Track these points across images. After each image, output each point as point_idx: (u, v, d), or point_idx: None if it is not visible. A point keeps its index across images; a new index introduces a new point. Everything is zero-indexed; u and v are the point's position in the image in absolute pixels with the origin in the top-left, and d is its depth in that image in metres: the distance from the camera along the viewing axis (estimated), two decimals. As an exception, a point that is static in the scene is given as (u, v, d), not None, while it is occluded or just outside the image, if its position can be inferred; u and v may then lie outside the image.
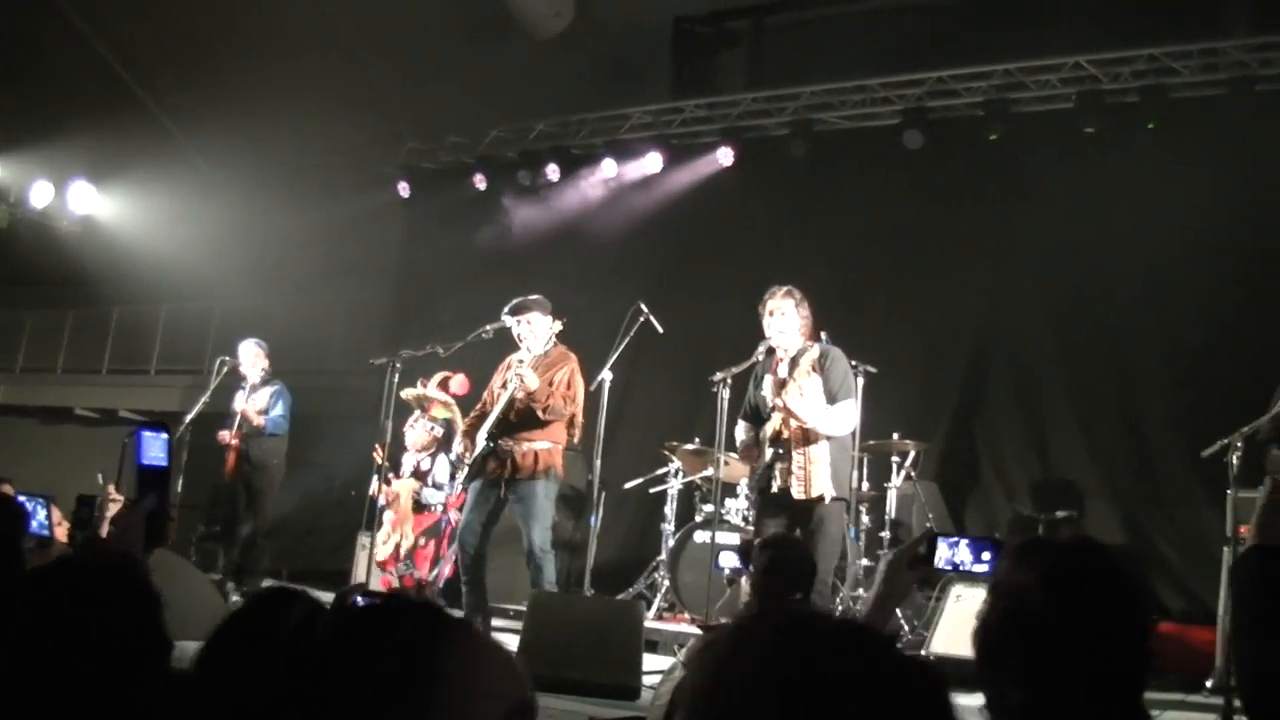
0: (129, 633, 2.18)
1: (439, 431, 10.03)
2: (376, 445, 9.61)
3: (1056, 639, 2.15)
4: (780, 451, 7.29)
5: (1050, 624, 2.16)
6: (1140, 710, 2.24)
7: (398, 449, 9.74)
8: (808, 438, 7.22)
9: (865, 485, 9.16)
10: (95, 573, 2.28)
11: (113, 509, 5.00)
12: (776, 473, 7.28)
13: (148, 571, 2.35)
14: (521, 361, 8.09)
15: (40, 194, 12.27)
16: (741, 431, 7.61)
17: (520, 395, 7.86)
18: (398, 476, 9.90)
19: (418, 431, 10.00)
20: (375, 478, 9.45)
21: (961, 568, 2.74)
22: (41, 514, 4.84)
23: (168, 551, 8.44)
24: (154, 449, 2.95)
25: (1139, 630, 2.23)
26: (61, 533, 6.10)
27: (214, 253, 15.81)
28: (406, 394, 9.67)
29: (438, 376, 10.05)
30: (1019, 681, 2.19)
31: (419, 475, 9.96)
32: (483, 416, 8.21)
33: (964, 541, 2.76)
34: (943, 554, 2.74)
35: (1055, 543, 2.27)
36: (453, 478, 9.72)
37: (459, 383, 10.03)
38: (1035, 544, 2.30)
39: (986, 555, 2.70)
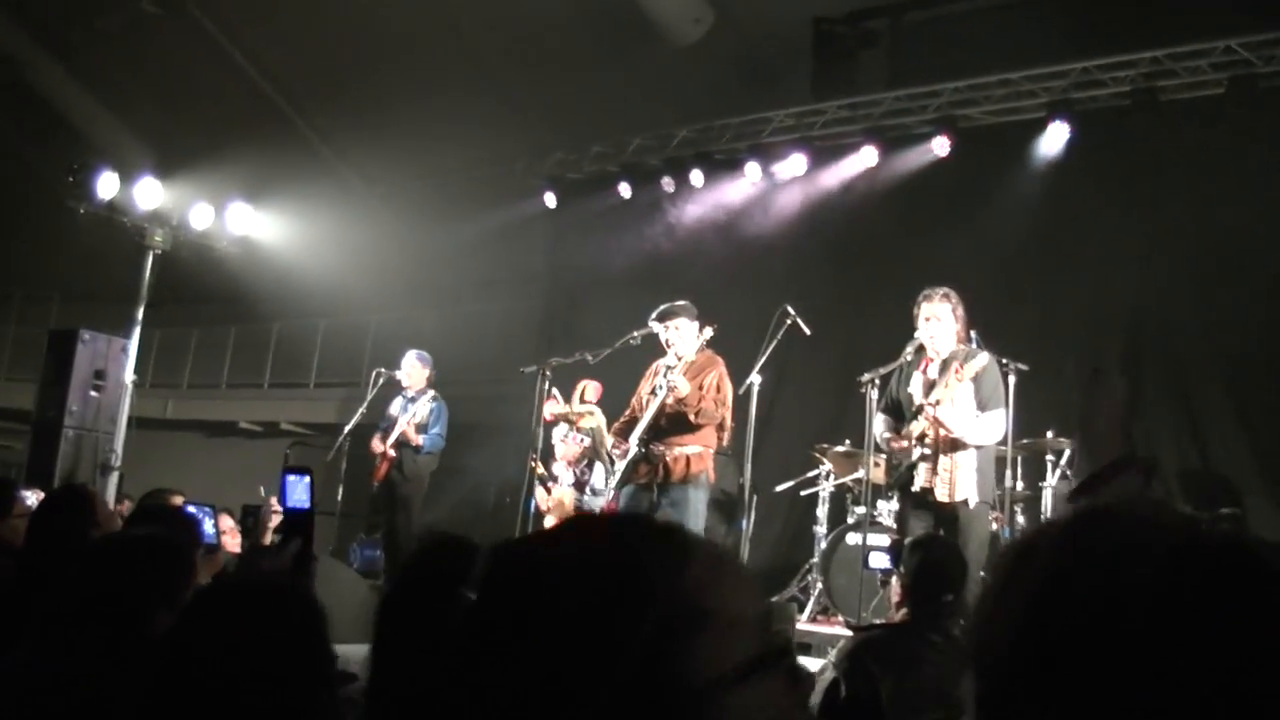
0: (298, 649, 2.29)
1: (588, 442, 10.17)
2: (531, 454, 9.77)
3: None
4: (926, 452, 7.28)
5: None
6: None
7: (551, 458, 9.88)
8: (955, 443, 7.20)
9: (1020, 485, 9.05)
10: (265, 593, 2.39)
11: (275, 519, 5.19)
12: (920, 472, 7.27)
13: (312, 589, 2.46)
14: (670, 368, 8.15)
15: (200, 216, 12.66)
16: (881, 425, 7.61)
17: (671, 400, 7.93)
18: (557, 484, 10.06)
19: (569, 445, 10.15)
20: (536, 485, 9.62)
21: None
22: (208, 523, 5.05)
23: (329, 557, 8.71)
24: (298, 492, 3.08)
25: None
26: (231, 540, 6.35)
27: (368, 268, 16.20)
28: (551, 412, 9.77)
29: (578, 390, 10.15)
30: None
31: (579, 485, 10.13)
32: (633, 421, 8.29)
33: None
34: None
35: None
36: (606, 483, 9.84)
37: (593, 390, 10.14)
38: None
39: None
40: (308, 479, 3.09)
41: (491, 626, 1.07)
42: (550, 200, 13.72)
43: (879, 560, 5.10)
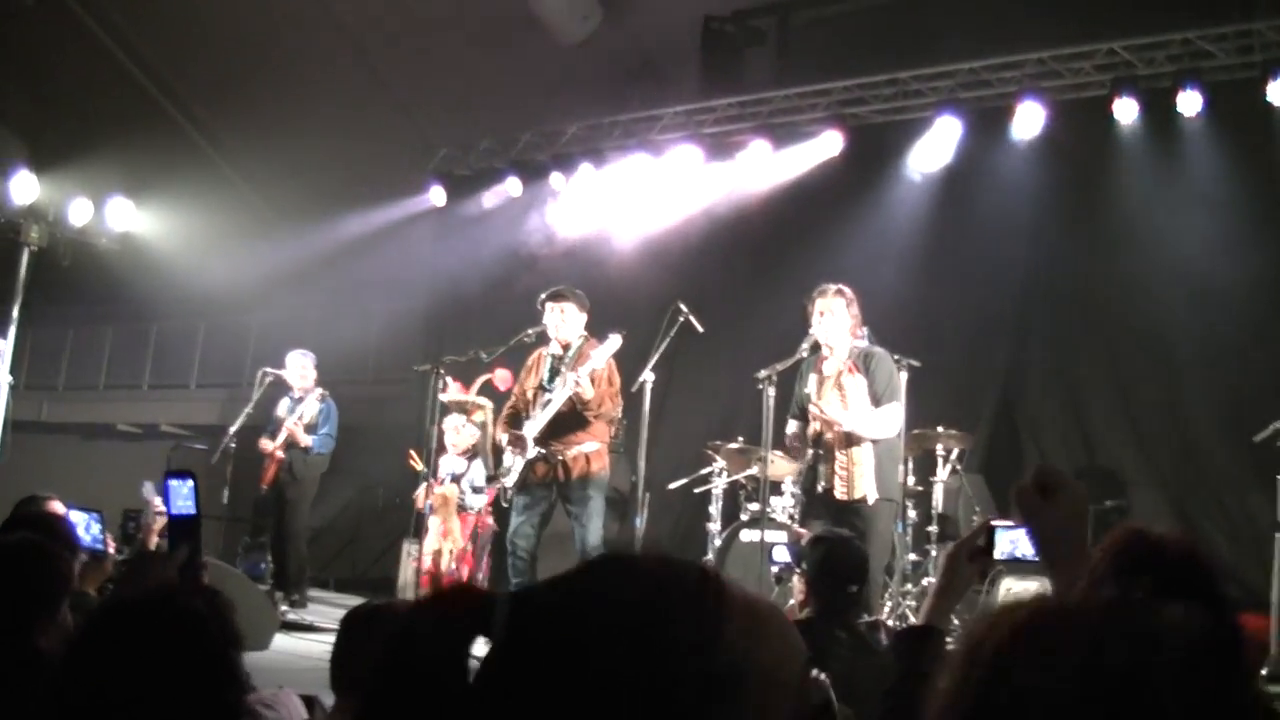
0: (209, 670, 2.19)
1: (478, 435, 10.11)
2: (411, 452, 9.66)
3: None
4: (822, 452, 7.30)
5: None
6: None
7: (436, 453, 9.76)
8: (850, 439, 7.22)
9: (911, 480, 9.14)
10: (175, 610, 2.28)
11: (159, 522, 5.04)
12: (820, 473, 7.29)
13: (231, 610, 2.36)
14: (559, 357, 8.20)
15: (78, 212, 12.30)
16: (793, 428, 7.63)
17: (570, 401, 7.91)
18: (439, 482, 9.94)
19: (463, 435, 10.06)
20: (422, 484, 9.51)
21: (1023, 558, 2.71)
22: (95, 527, 4.87)
23: (218, 562, 8.52)
24: (182, 497, 2.93)
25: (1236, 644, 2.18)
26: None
27: (250, 266, 15.90)
28: (449, 398, 9.70)
29: (480, 381, 10.08)
30: None
31: (456, 480, 10.04)
32: (516, 414, 8.32)
33: (1023, 530, 2.74)
34: (1002, 545, 2.71)
35: (1163, 552, 2.22)
36: (490, 480, 9.79)
37: (503, 378, 10.05)
38: (1139, 553, 2.24)
39: None
40: (191, 482, 2.95)
41: (519, 684, 1.02)
42: (438, 197, 13.57)
43: (781, 555, 5.09)
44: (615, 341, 8.00)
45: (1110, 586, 2.18)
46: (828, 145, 11.11)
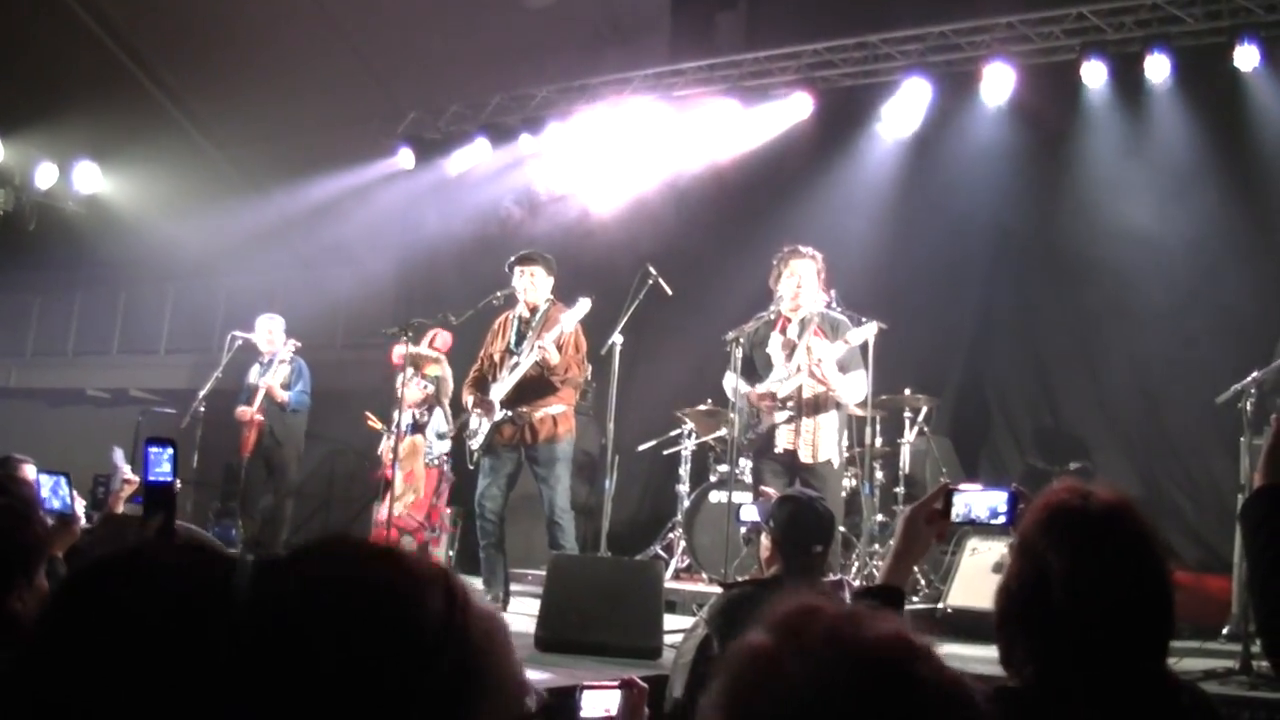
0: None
1: (431, 389, 10.13)
2: (367, 414, 9.69)
3: (1078, 611, 2.16)
4: (791, 414, 7.38)
5: (1074, 596, 2.17)
6: (1161, 673, 2.25)
7: (394, 408, 9.75)
8: (819, 404, 7.33)
9: (879, 441, 9.20)
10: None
11: (127, 489, 5.02)
12: (782, 434, 7.38)
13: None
14: (526, 320, 8.22)
15: (45, 175, 12.22)
16: (734, 381, 7.68)
17: (537, 366, 7.93)
18: (402, 437, 9.95)
19: (413, 390, 10.02)
20: (385, 440, 9.55)
21: (979, 520, 2.74)
22: (64, 489, 4.83)
23: (190, 527, 8.50)
24: (161, 464, 2.94)
25: (1164, 600, 2.24)
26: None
27: (219, 231, 15.81)
28: (399, 354, 9.67)
29: (428, 335, 10.08)
30: (1034, 649, 2.21)
31: (418, 429, 10.06)
32: (483, 377, 8.34)
33: (981, 493, 2.76)
34: (960, 507, 2.74)
35: (1088, 512, 2.25)
36: (448, 427, 9.86)
37: (443, 340, 10.09)
38: (1067, 512, 2.28)
39: (1004, 506, 2.68)
40: (171, 450, 2.96)
41: (263, 658, 1.03)
42: (407, 160, 13.51)
43: (750, 514, 5.12)
44: (584, 306, 8.02)
45: (1040, 544, 2.24)
46: (797, 108, 11.10)
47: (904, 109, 10.63)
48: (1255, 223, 9.22)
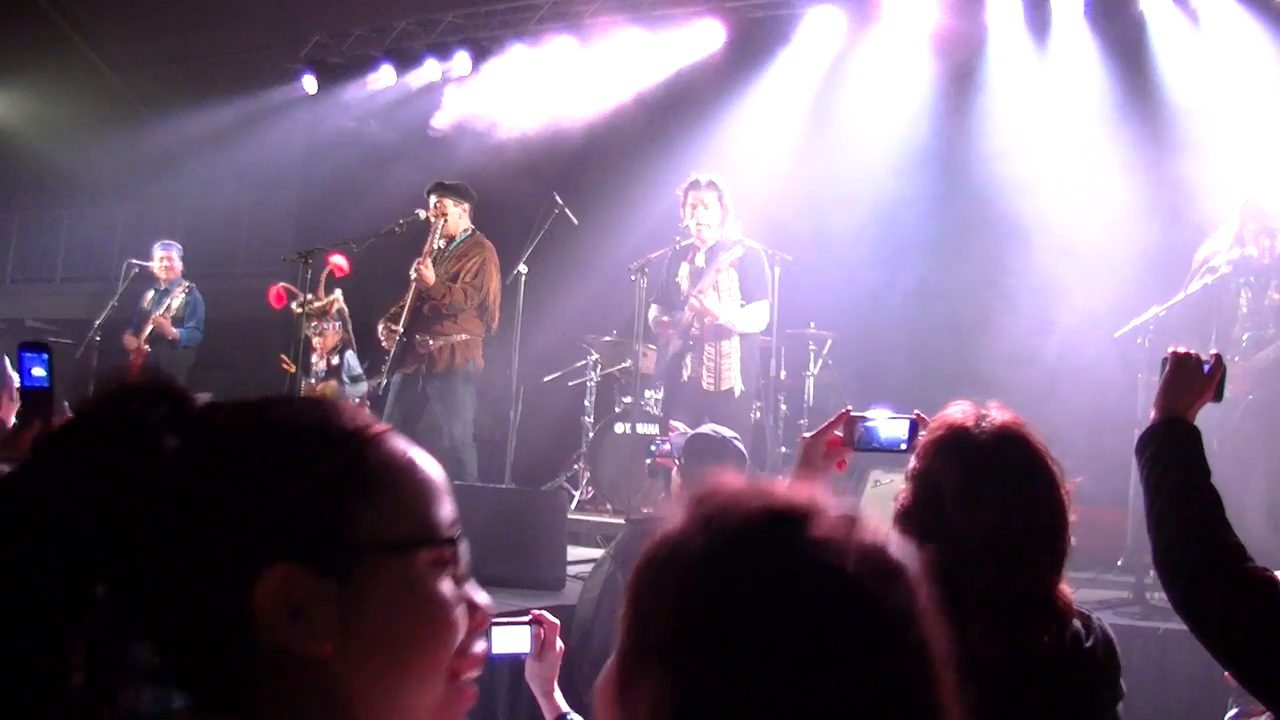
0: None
1: (340, 329, 9.90)
2: (283, 356, 9.46)
3: (970, 529, 2.16)
4: (691, 343, 7.37)
5: (966, 515, 2.17)
6: (1053, 595, 2.25)
7: (305, 355, 9.57)
8: (720, 332, 7.31)
9: (783, 374, 9.20)
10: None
11: (13, 409, 4.87)
12: (687, 363, 7.37)
13: None
14: (443, 250, 8.11)
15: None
16: (655, 311, 7.66)
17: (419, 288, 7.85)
18: (314, 382, 9.76)
19: (326, 336, 9.82)
20: (298, 385, 9.35)
21: (880, 445, 2.71)
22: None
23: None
24: (35, 369, 2.86)
25: (1056, 520, 2.26)
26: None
27: (116, 156, 15.44)
28: (297, 308, 9.38)
29: (322, 278, 9.79)
30: (929, 569, 2.18)
31: (333, 373, 9.86)
32: (401, 307, 8.17)
33: (883, 421, 2.73)
34: (861, 433, 2.71)
35: (977, 438, 2.27)
36: (366, 373, 9.67)
37: (338, 263, 9.86)
38: (959, 432, 2.30)
39: (905, 434, 2.66)
40: (46, 355, 2.87)
41: (196, 467, 1.12)
42: (310, 85, 13.22)
43: (659, 447, 5.09)
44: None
45: (934, 464, 2.27)
46: (708, 37, 11.00)
47: (815, 37, 10.56)
48: (1159, 155, 9.30)
